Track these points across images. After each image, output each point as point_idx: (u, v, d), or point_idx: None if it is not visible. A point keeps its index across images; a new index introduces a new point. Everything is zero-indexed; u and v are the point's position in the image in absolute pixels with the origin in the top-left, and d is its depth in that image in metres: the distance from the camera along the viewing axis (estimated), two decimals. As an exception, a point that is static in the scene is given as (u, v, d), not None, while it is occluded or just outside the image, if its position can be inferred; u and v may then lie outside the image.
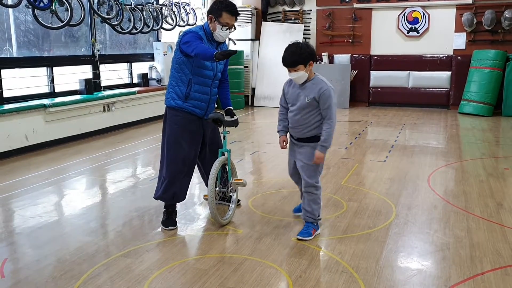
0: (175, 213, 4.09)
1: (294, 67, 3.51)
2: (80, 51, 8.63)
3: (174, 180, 3.95)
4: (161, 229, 3.97)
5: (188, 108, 3.89)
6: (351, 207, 4.47)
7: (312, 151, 3.65)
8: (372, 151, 6.97)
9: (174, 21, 10.21)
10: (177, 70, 3.89)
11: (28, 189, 5.14)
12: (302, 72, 3.52)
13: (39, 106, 7.00)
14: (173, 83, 3.92)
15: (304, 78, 3.57)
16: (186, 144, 3.92)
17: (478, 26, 10.69)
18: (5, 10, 7.02)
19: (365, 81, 11.83)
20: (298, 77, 3.55)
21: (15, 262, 3.41)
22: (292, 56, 3.51)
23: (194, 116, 3.94)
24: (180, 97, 3.89)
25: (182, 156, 3.92)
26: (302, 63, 3.50)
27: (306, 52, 3.51)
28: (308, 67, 3.54)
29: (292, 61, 3.51)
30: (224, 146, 4.03)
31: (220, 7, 3.78)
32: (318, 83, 3.58)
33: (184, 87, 3.87)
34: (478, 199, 4.69)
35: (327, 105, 3.54)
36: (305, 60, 3.50)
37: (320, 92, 3.54)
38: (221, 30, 3.81)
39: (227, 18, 3.79)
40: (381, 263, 3.32)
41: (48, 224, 4.13)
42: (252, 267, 3.25)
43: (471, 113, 10.30)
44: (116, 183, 5.50)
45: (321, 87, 3.55)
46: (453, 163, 6.18)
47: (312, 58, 3.54)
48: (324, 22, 11.98)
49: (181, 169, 3.94)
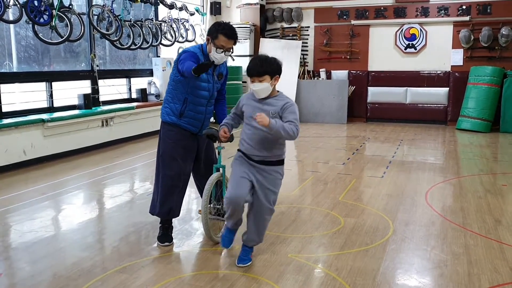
0: (171, 229, 4.07)
1: (260, 76, 3.27)
2: (80, 66, 8.68)
3: (169, 196, 3.94)
4: (157, 244, 3.95)
5: (182, 125, 3.92)
6: (348, 223, 4.46)
7: (277, 176, 3.41)
8: (370, 166, 6.97)
9: (173, 37, 10.28)
10: (174, 87, 3.91)
11: (25, 204, 5.13)
12: (267, 84, 3.28)
13: (37, 121, 7.01)
14: (169, 99, 3.95)
15: (268, 91, 3.31)
16: (180, 159, 3.93)
17: (475, 43, 10.79)
18: (6, 26, 7.07)
19: (362, 96, 11.89)
20: (262, 89, 3.29)
21: (11, 277, 3.39)
22: (261, 65, 3.28)
23: (188, 132, 3.96)
24: (175, 113, 3.91)
25: (177, 171, 3.92)
26: (269, 74, 3.28)
27: (275, 64, 3.31)
28: (274, 81, 3.32)
29: (259, 71, 3.27)
30: (219, 162, 4.01)
31: (217, 29, 3.79)
32: (282, 99, 3.35)
33: (179, 104, 3.90)
34: (476, 216, 4.69)
35: (293, 118, 3.24)
36: (273, 72, 3.29)
37: (284, 106, 3.29)
38: (215, 52, 3.80)
39: (223, 40, 3.77)
40: (378, 280, 3.30)
41: (44, 239, 4.11)
42: (248, 284, 3.24)
43: (469, 129, 10.34)
44: (113, 198, 5.49)
45: (286, 102, 3.32)
46: (451, 179, 6.18)
47: (279, 72, 3.33)
48: (322, 38, 12.08)
49: (176, 184, 3.94)
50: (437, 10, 11.07)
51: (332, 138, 9.52)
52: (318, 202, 5.17)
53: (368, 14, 11.59)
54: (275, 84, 3.36)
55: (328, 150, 8.30)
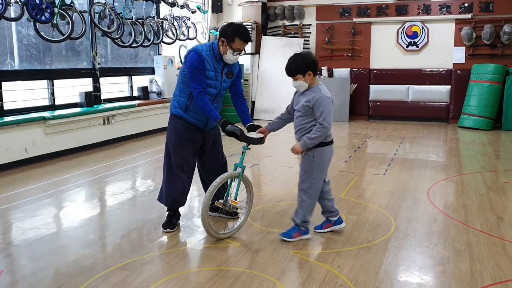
0: (176, 217, 4.22)
1: (293, 76, 3.71)
2: (81, 64, 8.68)
3: (173, 186, 4.10)
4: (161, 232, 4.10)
5: (187, 118, 4.03)
6: (350, 220, 4.45)
7: (307, 157, 3.80)
8: (372, 164, 6.96)
9: (174, 35, 10.27)
10: (182, 81, 4.02)
11: (27, 201, 5.13)
12: (301, 81, 3.69)
13: (39, 119, 7.01)
14: (177, 93, 4.08)
15: (304, 87, 3.72)
16: (184, 151, 4.04)
17: (477, 41, 10.76)
18: (7, 24, 7.07)
19: (364, 94, 11.87)
20: (298, 85, 3.74)
21: (12, 274, 3.39)
22: (290, 66, 3.71)
23: (194, 126, 4.05)
24: (181, 107, 4.04)
25: (179, 161, 4.05)
26: (300, 73, 3.68)
27: (303, 63, 3.67)
28: (307, 77, 3.69)
29: (290, 71, 3.72)
30: (241, 162, 3.92)
31: (234, 32, 3.83)
32: (314, 91, 3.71)
33: (185, 98, 4.01)
34: (478, 213, 4.68)
35: (320, 112, 3.65)
36: (303, 70, 3.67)
37: (313, 100, 3.67)
38: (231, 54, 3.87)
39: (239, 44, 3.85)
40: (380, 276, 3.30)
41: (46, 236, 4.11)
42: (250, 280, 3.23)
43: (471, 127, 10.31)
44: (115, 195, 5.48)
45: (314, 95, 3.68)
46: (453, 176, 6.17)
47: (310, 68, 3.68)
48: (324, 36, 12.06)
49: (178, 174, 4.06)
50: (439, 8, 11.03)
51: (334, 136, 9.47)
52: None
53: (370, 12, 11.56)
54: (309, 78, 3.71)
55: (330, 148, 8.27)
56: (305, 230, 3.93)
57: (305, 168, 3.83)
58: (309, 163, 3.80)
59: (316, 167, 3.81)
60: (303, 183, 3.85)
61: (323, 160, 3.83)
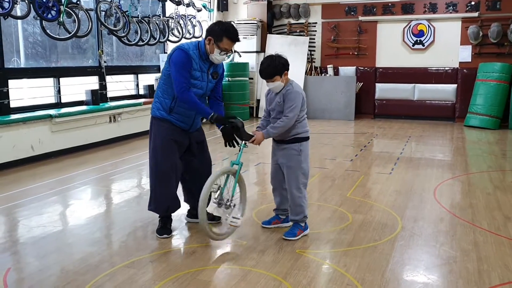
0: (170, 221, 4.10)
1: (270, 78, 3.76)
2: (87, 62, 8.69)
3: (164, 193, 3.93)
4: (156, 237, 3.98)
5: (172, 120, 3.87)
6: (356, 220, 4.44)
7: (292, 152, 3.87)
8: (378, 163, 6.94)
9: (180, 33, 10.26)
10: (165, 82, 3.84)
11: (33, 199, 5.15)
12: (278, 82, 3.77)
13: (45, 117, 7.03)
14: (159, 94, 3.89)
15: (280, 87, 3.80)
16: (172, 154, 3.89)
17: (484, 39, 10.69)
18: (13, 22, 7.09)
19: (370, 93, 11.84)
20: (275, 86, 3.80)
21: (19, 272, 3.40)
22: (268, 69, 3.75)
23: (179, 128, 3.90)
24: (164, 109, 3.86)
25: (170, 166, 3.89)
26: (277, 74, 3.75)
27: (280, 64, 3.75)
28: (283, 77, 3.78)
29: (268, 73, 3.75)
30: (238, 159, 3.84)
31: (222, 31, 3.71)
32: (286, 87, 3.81)
33: (169, 100, 3.83)
34: (485, 212, 4.65)
35: (289, 105, 3.74)
36: (280, 71, 3.75)
37: (284, 93, 3.78)
38: (218, 54, 3.77)
39: (227, 43, 3.74)
40: (386, 276, 3.29)
41: (52, 234, 4.13)
42: (256, 279, 3.23)
43: (477, 126, 10.26)
44: (121, 193, 5.49)
45: (287, 89, 3.78)
46: (460, 176, 6.14)
47: (285, 68, 3.78)
48: (330, 34, 12.03)
49: (171, 178, 3.91)
50: (445, 6, 10.98)
51: (339, 135, 9.49)
52: (325, 198, 5.15)
53: (375, 10, 11.52)
54: (285, 78, 3.81)
55: (336, 146, 8.27)
56: (305, 226, 4.00)
57: (291, 164, 3.87)
58: (296, 158, 3.87)
59: (304, 160, 3.90)
60: (292, 180, 3.88)
61: (307, 152, 3.93)
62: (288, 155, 3.88)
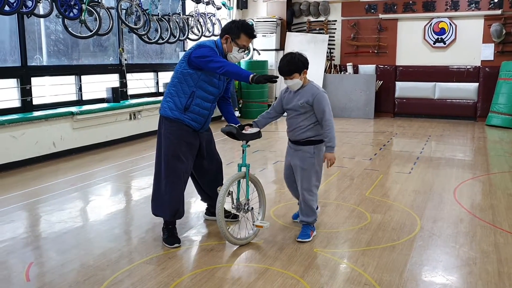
0: (175, 229, 3.91)
1: (290, 75, 3.74)
2: (108, 60, 8.80)
3: (176, 196, 3.77)
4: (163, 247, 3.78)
5: (185, 120, 3.75)
6: (375, 219, 4.41)
7: (306, 155, 3.84)
8: (397, 162, 6.89)
9: (200, 31, 10.32)
10: (180, 80, 3.73)
11: (55, 195, 5.24)
12: (297, 80, 3.75)
13: (67, 114, 7.14)
14: (173, 93, 3.77)
15: (299, 85, 3.79)
16: (183, 157, 3.77)
17: (507, 37, 10.52)
18: (36, 20, 7.21)
19: (390, 91, 11.74)
20: (293, 84, 3.78)
21: (41, 266, 3.47)
22: (288, 65, 3.73)
23: (190, 128, 3.79)
24: (178, 108, 3.74)
25: (182, 169, 3.77)
26: (296, 72, 3.73)
27: (300, 62, 3.73)
28: (302, 75, 3.77)
29: (288, 70, 3.73)
30: (244, 160, 3.81)
31: (239, 28, 3.71)
32: (311, 89, 3.79)
33: (185, 98, 3.72)
34: (506, 213, 4.59)
35: (322, 108, 3.75)
36: (299, 69, 3.73)
37: (313, 97, 3.75)
38: (237, 52, 3.77)
39: (245, 40, 3.74)
40: (405, 276, 3.27)
41: (73, 230, 4.19)
42: (273, 278, 3.24)
43: (499, 125, 10.10)
44: (140, 190, 5.55)
45: (313, 92, 3.76)
46: (480, 176, 6.06)
47: (305, 66, 3.76)
48: (349, 32, 11.96)
49: (180, 183, 3.78)
50: (467, 4, 10.82)
51: (358, 133, 9.44)
52: (344, 197, 5.13)
53: (396, 8, 11.42)
54: (304, 77, 3.80)
55: (355, 145, 8.23)
56: (313, 226, 4.02)
57: (304, 166, 3.84)
58: (310, 160, 3.84)
59: (318, 163, 3.87)
60: (305, 183, 3.86)
61: (321, 155, 3.88)
62: (301, 157, 3.86)
